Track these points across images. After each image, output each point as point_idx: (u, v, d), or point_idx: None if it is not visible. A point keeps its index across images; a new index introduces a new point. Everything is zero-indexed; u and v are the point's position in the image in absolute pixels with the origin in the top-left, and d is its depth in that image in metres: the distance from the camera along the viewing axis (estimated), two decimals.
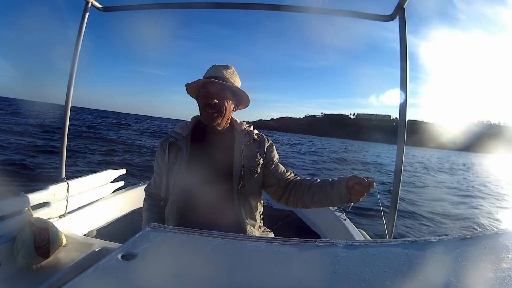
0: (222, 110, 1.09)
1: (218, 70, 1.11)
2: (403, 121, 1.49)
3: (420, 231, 4.82)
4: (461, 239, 0.47)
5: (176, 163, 1.10)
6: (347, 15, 1.63)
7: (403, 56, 1.48)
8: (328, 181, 1.07)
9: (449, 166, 23.46)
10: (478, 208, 7.05)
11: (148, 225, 0.47)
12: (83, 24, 1.72)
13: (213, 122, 1.10)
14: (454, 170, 20.24)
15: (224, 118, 1.12)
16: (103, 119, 37.82)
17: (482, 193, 9.48)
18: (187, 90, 1.17)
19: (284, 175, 1.18)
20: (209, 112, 1.08)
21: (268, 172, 1.17)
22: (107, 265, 0.36)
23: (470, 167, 24.70)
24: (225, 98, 1.09)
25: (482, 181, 12.94)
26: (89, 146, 10.29)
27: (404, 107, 1.49)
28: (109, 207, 1.93)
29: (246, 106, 1.20)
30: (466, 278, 0.38)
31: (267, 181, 1.17)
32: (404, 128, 1.50)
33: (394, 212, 1.49)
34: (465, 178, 14.62)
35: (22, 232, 1.18)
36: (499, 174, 17.79)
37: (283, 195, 1.16)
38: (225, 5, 1.75)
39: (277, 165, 1.20)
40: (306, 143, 39.70)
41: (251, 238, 0.47)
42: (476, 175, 16.77)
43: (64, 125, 1.74)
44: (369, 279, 0.37)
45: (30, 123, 15.60)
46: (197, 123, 1.18)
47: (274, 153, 1.21)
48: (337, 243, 0.46)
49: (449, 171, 19.09)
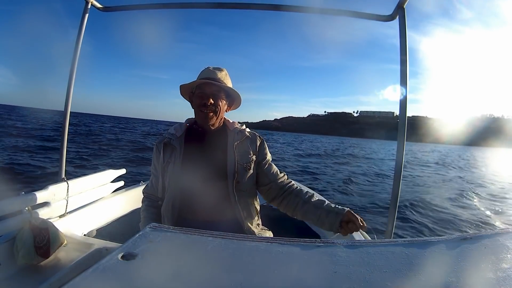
0: (217, 110, 1.13)
1: (212, 72, 1.15)
2: (403, 119, 1.49)
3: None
4: (461, 239, 0.47)
5: (171, 162, 1.13)
6: (347, 15, 1.63)
7: (403, 54, 1.48)
8: (324, 205, 1.10)
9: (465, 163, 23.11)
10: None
11: (148, 225, 0.47)
12: (83, 24, 1.72)
13: (209, 121, 1.14)
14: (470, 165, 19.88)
15: (219, 118, 1.16)
16: (119, 124, 37.83)
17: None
18: (180, 91, 1.21)
19: (277, 176, 1.21)
20: (205, 112, 1.12)
21: (261, 171, 1.20)
22: (107, 265, 0.36)
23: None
24: (219, 98, 1.13)
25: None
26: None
27: (404, 104, 1.48)
28: (109, 207, 1.92)
29: (238, 106, 1.25)
30: (466, 278, 0.38)
31: (260, 180, 1.20)
32: (404, 126, 1.50)
33: (394, 212, 1.49)
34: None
35: (22, 232, 1.18)
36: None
37: (276, 197, 1.19)
38: (225, 5, 1.75)
39: (270, 165, 1.23)
40: (296, 143, 39.69)
41: (251, 238, 0.47)
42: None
43: (64, 125, 1.74)
44: (369, 279, 0.37)
45: (35, 128, 15.70)
46: (191, 124, 1.22)
47: (267, 152, 1.24)
48: (337, 243, 0.46)
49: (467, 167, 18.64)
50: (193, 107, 1.17)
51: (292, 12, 1.69)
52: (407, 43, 1.48)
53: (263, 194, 1.22)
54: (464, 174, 13.89)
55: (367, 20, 1.65)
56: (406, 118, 1.49)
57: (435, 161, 21.43)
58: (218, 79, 1.14)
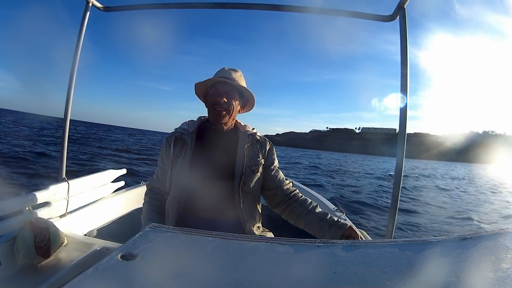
0: (230, 109, 1.14)
1: (227, 72, 1.17)
2: (404, 124, 1.49)
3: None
4: (461, 239, 0.47)
5: (180, 156, 1.13)
6: (347, 15, 1.63)
7: (403, 56, 1.48)
8: (327, 217, 1.10)
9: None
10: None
11: (148, 225, 0.48)
12: (84, 24, 1.73)
13: (221, 120, 1.14)
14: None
15: (231, 117, 1.17)
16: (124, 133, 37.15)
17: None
18: (195, 90, 1.21)
19: (283, 182, 1.21)
20: (218, 110, 1.13)
21: (268, 175, 1.20)
22: (107, 265, 0.36)
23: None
24: (233, 98, 1.14)
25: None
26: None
27: (405, 110, 1.48)
28: (110, 207, 1.93)
29: (251, 108, 1.25)
30: (466, 278, 0.38)
31: (266, 184, 1.20)
32: (404, 133, 1.50)
33: (394, 212, 1.49)
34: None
35: (23, 231, 1.18)
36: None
37: (280, 204, 1.19)
38: (225, 5, 1.75)
39: (277, 170, 1.23)
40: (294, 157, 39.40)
41: (251, 238, 0.47)
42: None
43: (65, 125, 1.75)
44: (369, 279, 0.37)
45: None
46: (203, 122, 1.23)
47: (275, 157, 1.25)
48: (337, 243, 0.46)
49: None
50: (207, 106, 1.18)
51: (292, 12, 1.69)
52: (407, 44, 1.47)
53: (268, 199, 1.22)
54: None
55: (367, 20, 1.65)
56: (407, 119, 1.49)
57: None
58: (233, 79, 1.14)
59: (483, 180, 22.08)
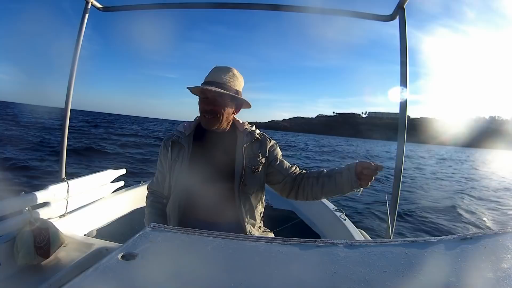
0: (219, 116, 1.09)
1: (217, 75, 1.11)
2: (403, 120, 1.49)
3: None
4: (461, 239, 0.47)
5: (178, 161, 1.12)
6: (347, 15, 1.63)
7: (403, 55, 1.48)
8: (335, 170, 1.09)
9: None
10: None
11: (149, 225, 0.47)
12: (83, 24, 1.73)
13: (210, 127, 1.12)
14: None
15: (223, 122, 1.12)
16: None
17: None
18: (191, 91, 1.18)
19: (290, 169, 1.18)
20: (206, 118, 1.10)
21: (273, 169, 1.17)
22: (107, 265, 0.36)
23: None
24: (222, 105, 1.09)
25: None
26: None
27: (405, 106, 1.48)
28: (109, 207, 1.92)
29: (249, 106, 1.20)
30: (466, 278, 0.38)
31: (274, 179, 1.18)
32: (404, 127, 1.50)
33: (394, 212, 1.49)
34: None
35: (22, 232, 1.18)
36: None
37: (291, 190, 1.17)
38: (225, 5, 1.75)
39: (282, 161, 1.20)
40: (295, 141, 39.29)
41: (251, 238, 0.47)
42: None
43: (64, 125, 1.74)
44: (369, 279, 0.37)
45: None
46: (200, 123, 1.19)
47: (277, 151, 1.22)
48: (337, 243, 0.46)
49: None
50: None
51: (292, 12, 1.69)
52: (407, 43, 1.48)
53: (280, 191, 1.20)
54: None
55: (367, 20, 1.65)
56: (406, 118, 1.49)
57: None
58: (222, 83, 1.08)
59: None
